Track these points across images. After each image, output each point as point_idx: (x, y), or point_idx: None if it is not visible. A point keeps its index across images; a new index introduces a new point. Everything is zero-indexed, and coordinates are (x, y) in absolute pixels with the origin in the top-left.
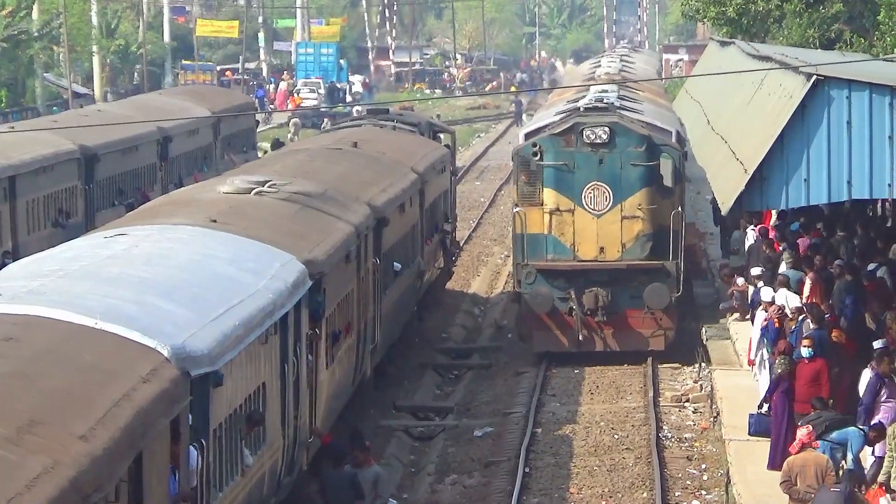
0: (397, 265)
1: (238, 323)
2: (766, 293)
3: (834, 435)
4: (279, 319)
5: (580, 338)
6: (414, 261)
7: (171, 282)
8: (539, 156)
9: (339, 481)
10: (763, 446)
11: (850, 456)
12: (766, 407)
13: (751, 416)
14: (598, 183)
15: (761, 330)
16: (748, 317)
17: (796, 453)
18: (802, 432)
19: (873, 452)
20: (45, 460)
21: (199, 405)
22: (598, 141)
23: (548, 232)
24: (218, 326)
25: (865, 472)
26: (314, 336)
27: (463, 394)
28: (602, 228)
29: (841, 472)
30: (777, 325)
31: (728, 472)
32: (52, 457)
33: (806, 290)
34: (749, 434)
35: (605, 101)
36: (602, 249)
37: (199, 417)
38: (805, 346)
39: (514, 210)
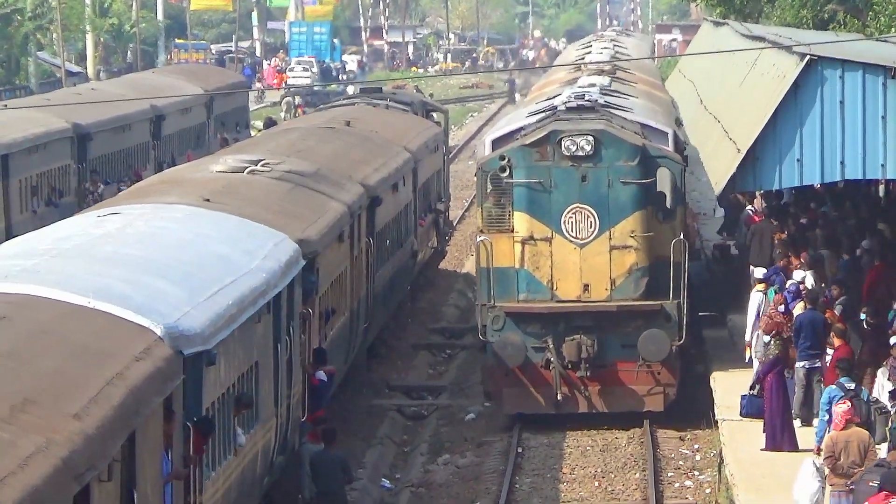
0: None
1: (231, 302)
2: (759, 272)
3: None
4: (272, 299)
5: (559, 397)
6: (407, 240)
7: (165, 261)
8: (508, 171)
9: (328, 463)
10: (756, 427)
11: None
12: (756, 388)
13: (743, 397)
14: (581, 205)
15: (756, 311)
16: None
17: (840, 430)
18: (843, 408)
19: None
20: (39, 439)
21: (192, 384)
22: (581, 153)
23: (520, 266)
24: (211, 306)
25: None
26: (307, 315)
27: (456, 374)
28: (586, 261)
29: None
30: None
31: (721, 453)
32: (45, 436)
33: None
34: (741, 415)
35: (588, 98)
36: (586, 287)
37: (192, 397)
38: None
39: (479, 239)
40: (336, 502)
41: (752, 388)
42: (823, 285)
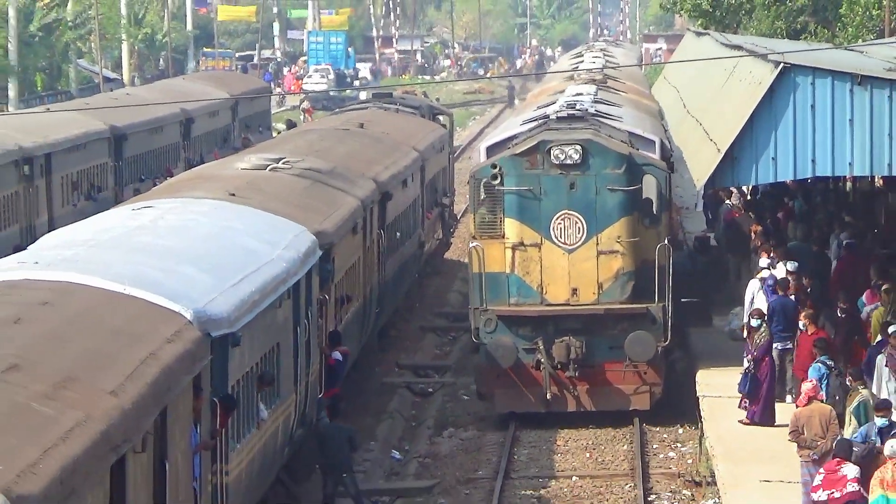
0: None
1: (254, 289)
2: (763, 261)
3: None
4: (292, 286)
5: (548, 396)
6: (415, 232)
7: (194, 251)
8: (500, 179)
9: (336, 435)
10: (733, 402)
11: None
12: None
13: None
14: (570, 212)
15: (751, 296)
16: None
17: (804, 406)
18: (807, 386)
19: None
20: (79, 414)
21: (219, 364)
22: (569, 162)
23: (510, 271)
24: (236, 292)
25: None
26: (324, 301)
27: (459, 354)
28: (575, 266)
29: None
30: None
31: (701, 427)
32: (84, 411)
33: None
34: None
35: (578, 107)
36: (575, 291)
37: (219, 375)
38: (802, 321)
39: (471, 245)
40: (342, 470)
41: (748, 371)
42: (804, 280)
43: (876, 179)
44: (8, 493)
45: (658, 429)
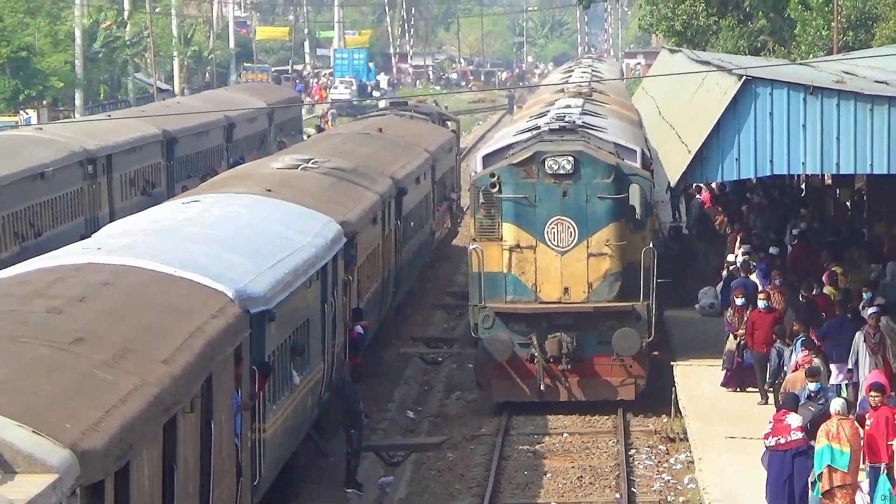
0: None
1: (288, 271)
2: (731, 257)
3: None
4: (320, 268)
5: (542, 387)
6: (427, 222)
7: (235, 238)
8: (498, 187)
9: (352, 390)
10: (704, 370)
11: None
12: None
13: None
14: (562, 217)
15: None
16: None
17: (793, 371)
18: (800, 355)
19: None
20: (135, 380)
21: (257, 336)
22: (562, 171)
23: (507, 270)
24: (272, 274)
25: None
26: (348, 282)
27: (465, 328)
28: (566, 267)
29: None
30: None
31: (675, 390)
32: (140, 377)
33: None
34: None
35: (568, 119)
36: (566, 290)
37: (257, 346)
38: (761, 299)
39: (471, 247)
40: (356, 415)
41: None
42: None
43: (826, 177)
44: (74, 447)
45: (640, 417)
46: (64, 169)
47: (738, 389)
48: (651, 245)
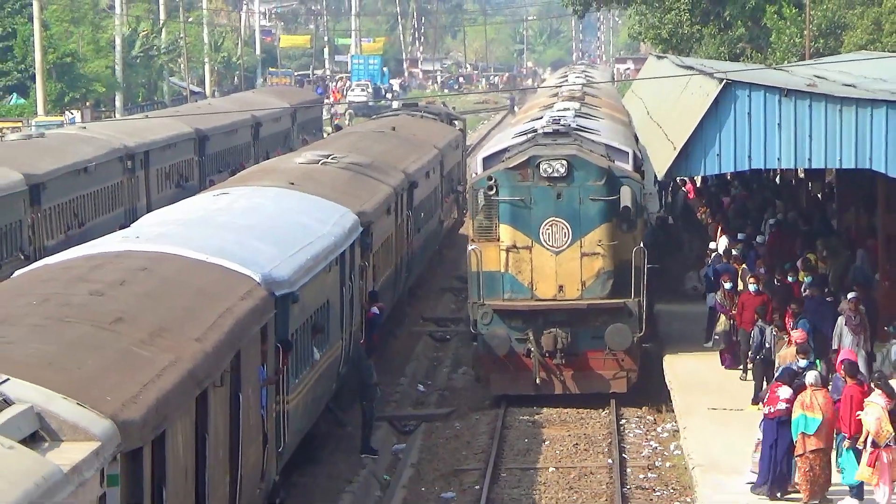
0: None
1: (309, 257)
2: (713, 245)
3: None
4: (339, 255)
5: (538, 381)
6: (436, 213)
7: (261, 227)
8: (495, 190)
9: (366, 368)
10: (688, 346)
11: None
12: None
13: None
14: (557, 218)
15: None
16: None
17: (787, 348)
18: (796, 334)
19: None
20: (170, 356)
21: (281, 317)
22: (556, 175)
23: (505, 270)
24: (295, 259)
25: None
26: (364, 267)
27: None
28: (561, 266)
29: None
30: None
31: (662, 365)
32: (175, 354)
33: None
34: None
35: (563, 122)
36: (561, 288)
37: (281, 326)
38: (751, 283)
39: (470, 248)
40: (369, 388)
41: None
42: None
43: (799, 171)
44: (115, 418)
45: (632, 408)
46: (105, 164)
47: (740, 368)
48: (641, 245)
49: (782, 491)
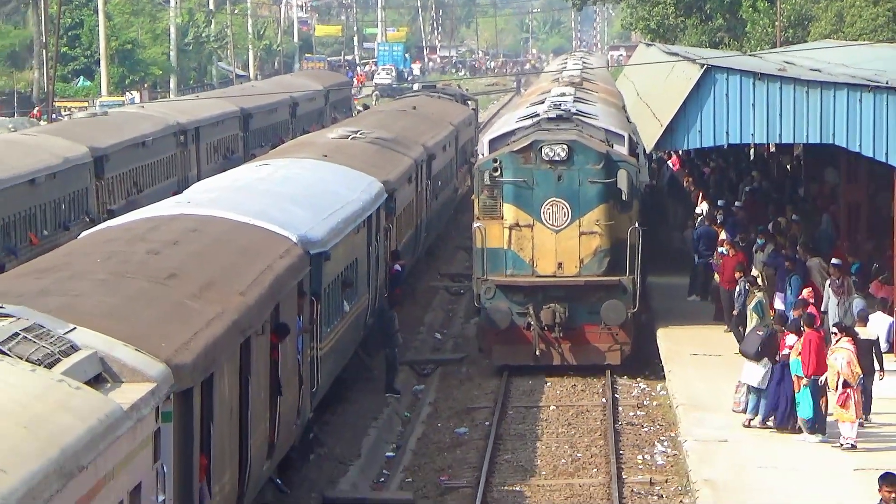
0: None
1: (340, 220)
2: (699, 209)
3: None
4: (366, 218)
5: (537, 352)
6: (451, 181)
7: (298, 194)
8: (499, 171)
9: (389, 318)
10: (672, 300)
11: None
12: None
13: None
14: (557, 199)
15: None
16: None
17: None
18: (806, 292)
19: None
20: (217, 308)
21: (315, 273)
22: (557, 158)
23: (507, 247)
24: (328, 222)
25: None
26: (388, 229)
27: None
28: (560, 244)
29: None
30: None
31: (651, 316)
32: (221, 306)
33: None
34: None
35: (563, 107)
36: (560, 265)
37: (315, 281)
38: (721, 248)
39: (475, 225)
40: (391, 336)
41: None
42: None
43: (770, 146)
44: (169, 362)
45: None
46: (161, 139)
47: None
48: (636, 225)
49: (791, 425)
